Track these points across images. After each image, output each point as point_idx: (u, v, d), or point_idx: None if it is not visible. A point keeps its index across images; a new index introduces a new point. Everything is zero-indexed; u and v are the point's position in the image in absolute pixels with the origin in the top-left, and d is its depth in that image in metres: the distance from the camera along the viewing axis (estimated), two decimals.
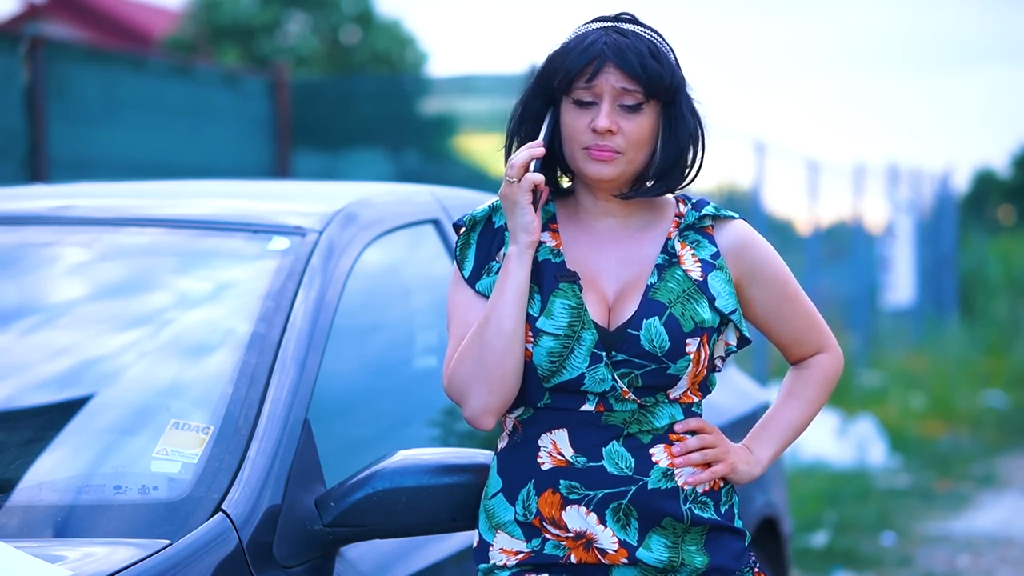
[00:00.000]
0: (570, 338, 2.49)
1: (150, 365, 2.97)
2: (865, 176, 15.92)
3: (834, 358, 2.69)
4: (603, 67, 2.48)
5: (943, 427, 11.59)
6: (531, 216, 2.50)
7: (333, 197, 3.38)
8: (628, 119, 2.49)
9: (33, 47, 7.60)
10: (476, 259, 2.59)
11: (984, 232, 26.49)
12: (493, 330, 2.49)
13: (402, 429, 3.41)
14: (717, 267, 2.55)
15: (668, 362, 2.49)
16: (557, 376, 2.50)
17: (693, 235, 2.57)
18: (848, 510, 8.42)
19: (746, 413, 4.31)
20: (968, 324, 18.27)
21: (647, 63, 2.48)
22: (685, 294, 2.52)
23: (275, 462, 2.69)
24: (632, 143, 2.49)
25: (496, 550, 2.55)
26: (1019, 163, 39.17)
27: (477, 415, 2.53)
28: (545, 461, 2.52)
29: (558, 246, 2.56)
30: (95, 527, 2.59)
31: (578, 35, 2.53)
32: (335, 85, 13.13)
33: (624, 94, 2.48)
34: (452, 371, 2.53)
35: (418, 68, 21.37)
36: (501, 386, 2.50)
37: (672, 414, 2.54)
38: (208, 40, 20.61)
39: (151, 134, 8.91)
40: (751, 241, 2.60)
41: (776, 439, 2.66)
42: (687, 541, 2.53)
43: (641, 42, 2.50)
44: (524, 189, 2.49)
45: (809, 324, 2.65)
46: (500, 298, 2.50)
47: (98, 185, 4.07)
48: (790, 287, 2.62)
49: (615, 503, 2.50)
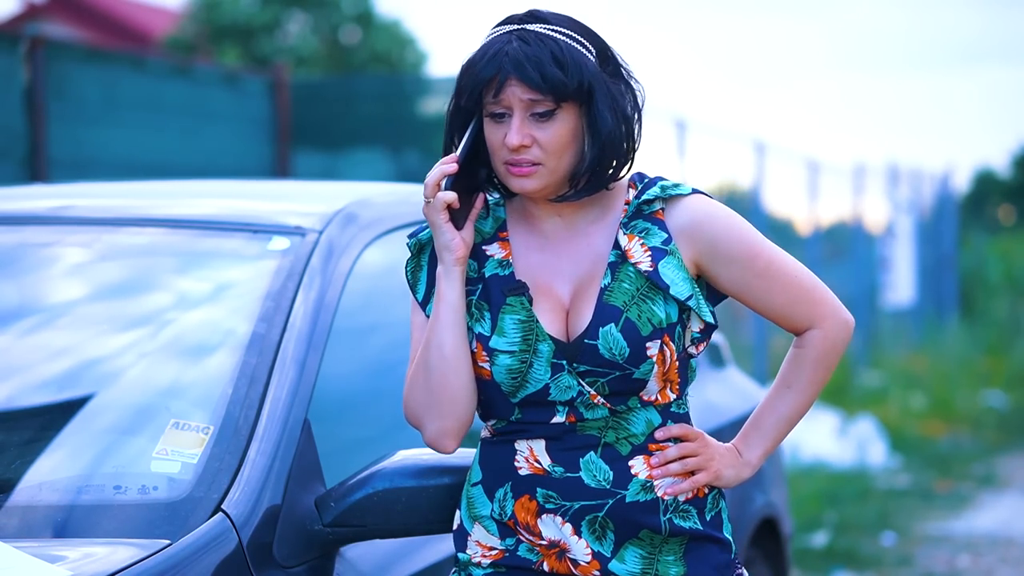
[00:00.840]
0: (526, 352, 2.43)
1: (150, 365, 2.97)
2: (865, 176, 15.92)
3: (828, 331, 2.52)
4: (506, 81, 2.38)
5: (943, 427, 11.59)
6: (451, 235, 2.43)
7: (333, 197, 3.38)
8: (542, 128, 2.40)
9: (33, 47, 7.59)
10: (427, 281, 2.54)
11: (984, 232, 26.49)
12: (435, 354, 2.45)
13: (402, 429, 3.40)
14: (668, 252, 2.45)
15: (631, 367, 2.41)
16: (522, 390, 2.45)
17: (642, 223, 2.47)
18: (848, 510, 8.42)
19: (746, 413, 4.30)
20: (968, 324, 18.27)
21: (548, 72, 2.37)
22: (639, 293, 2.43)
23: (275, 462, 2.69)
24: (550, 152, 2.41)
25: (473, 541, 2.52)
26: (1019, 163, 39.17)
27: (436, 439, 2.49)
28: (522, 466, 2.47)
29: (507, 256, 2.50)
30: (95, 527, 2.59)
31: (484, 45, 2.44)
32: (335, 85, 13.12)
33: (532, 104, 2.39)
34: (405, 398, 2.50)
35: (418, 68, 21.36)
36: (452, 408, 2.46)
37: (648, 419, 2.46)
38: (208, 40, 20.61)
39: (151, 134, 8.91)
40: (705, 216, 2.46)
41: (766, 436, 2.55)
42: (664, 552, 2.47)
43: (544, 48, 2.38)
44: (437, 209, 2.43)
45: (792, 297, 2.50)
46: (436, 321, 2.45)
47: (98, 185, 4.07)
48: (759, 261, 2.47)
49: (591, 515, 2.44)
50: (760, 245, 2.49)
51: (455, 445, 2.50)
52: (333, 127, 10.76)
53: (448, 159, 2.45)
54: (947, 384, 13.22)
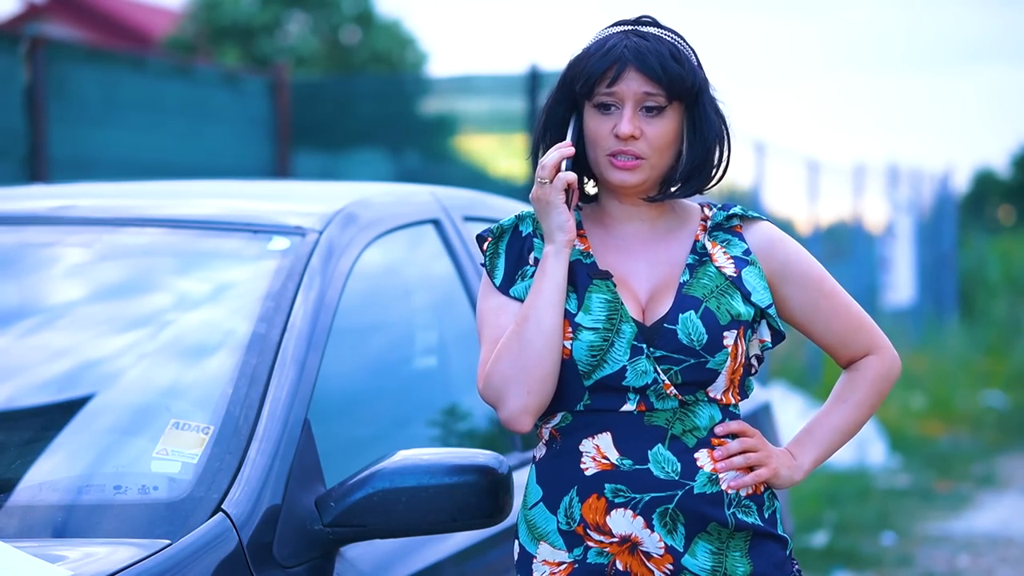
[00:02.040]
0: (609, 331, 2.48)
1: (150, 365, 2.97)
2: (865, 176, 15.93)
3: (885, 359, 2.66)
4: (624, 71, 2.47)
5: (943, 427, 11.60)
6: (566, 215, 2.49)
7: (333, 197, 3.38)
8: (651, 123, 2.48)
9: (33, 47, 7.60)
10: (506, 267, 2.58)
11: (984, 232, 26.50)
12: (532, 327, 2.47)
13: (402, 429, 3.41)
14: (750, 263, 2.54)
15: (707, 355, 2.47)
16: (599, 371, 2.48)
17: (723, 235, 2.57)
18: (848, 510, 8.43)
19: (747, 413, 4.30)
20: (968, 324, 18.27)
21: (668, 66, 2.47)
22: (719, 289, 2.51)
23: (275, 462, 2.69)
24: (655, 147, 2.49)
25: (540, 562, 2.52)
26: (1019, 163, 39.18)
27: (515, 415, 2.49)
28: (589, 466, 2.49)
29: (587, 249, 2.56)
30: (95, 527, 2.59)
31: (599, 39, 2.52)
32: (335, 85, 13.13)
33: (646, 97, 2.48)
34: (489, 372, 2.50)
35: (418, 68, 21.37)
36: (540, 385, 2.48)
37: (712, 415, 2.51)
38: (208, 40, 20.61)
39: (151, 134, 8.91)
40: (779, 239, 2.58)
41: (820, 444, 2.61)
42: (731, 547, 2.50)
43: (662, 44, 2.49)
44: (557, 189, 2.48)
45: (853, 323, 2.62)
46: (539, 296, 2.49)
47: (98, 185, 4.07)
48: (826, 283, 2.59)
49: (662, 507, 2.47)
50: (825, 272, 2.61)
51: (531, 425, 2.51)
52: (333, 127, 10.76)
53: (564, 144, 2.51)
54: (947, 384, 13.22)
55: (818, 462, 2.62)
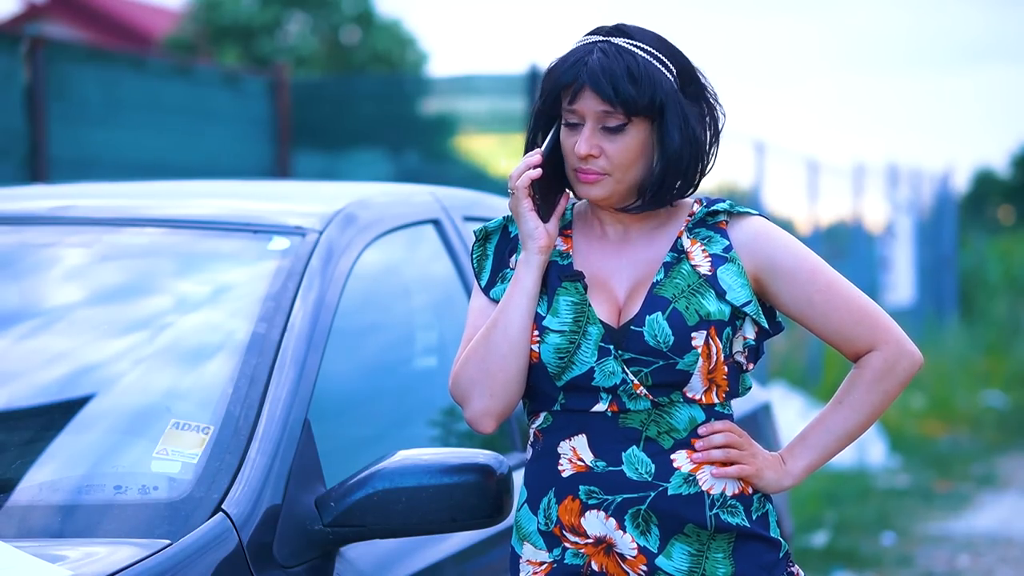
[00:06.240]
0: (576, 333, 2.48)
1: (150, 365, 2.97)
2: (865, 176, 15.93)
3: (888, 355, 2.53)
4: (580, 91, 2.46)
5: (943, 427, 11.60)
6: (534, 223, 2.50)
7: (333, 197, 3.38)
8: (612, 140, 2.47)
9: (33, 47, 7.60)
10: (492, 268, 2.61)
11: (984, 232, 26.49)
12: (499, 333, 2.50)
13: (402, 429, 3.41)
14: (729, 259, 2.51)
15: (675, 357, 2.45)
16: (567, 372, 2.48)
17: (704, 231, 2.54)
18: (848, 510, 8.43)
19: (746, 413, 4.31)
20: (968, 324, 18.27)
21: (620, 87, 2.43)
22: (691, 288, 2.48)
23: (275, 462, 2.69)
24: (617, 164, 2.47)
25: (524, 562, 2.55)
26: (1019, 163, 39.19)
27: (477, 417, 2.53)
28: (566, 468, 2.50)
29: (568, 250, 2.56)
30: (95, 527, 2.59)
31: (569, 52, 2.51)
32: (335, 85, 13.12)
33: (605, 116, 2.46)
34: (457, 372, 2.54)
35: (418, 68, 21.37)
36: (503, 388, 2.50)
37: (692, 415, 2.49)
38: (208, 40, 20.61)
39: (151, 134, 8.91)
40: (763, 233, 2.53)
41: (814, 449, 2.56)
42: (713, 549, 2.48)
43: (621, 62, 2.45)
44: (519, 198, 2.50)
45: (852, 317, 2.53)
46: (508, 302, 2.51)
47: (98, 185, 4.07)
48: (820, 277, 2.52)
49: (634, 508, 2.47)
50: (820, 264, 2.55)
51: (494, 427, 2.54)
52: (333, 127, 10.76)
53: (532, 153, 2.52)
54: (947, 384, 13.22)
55: (812, 467, 2.56)
